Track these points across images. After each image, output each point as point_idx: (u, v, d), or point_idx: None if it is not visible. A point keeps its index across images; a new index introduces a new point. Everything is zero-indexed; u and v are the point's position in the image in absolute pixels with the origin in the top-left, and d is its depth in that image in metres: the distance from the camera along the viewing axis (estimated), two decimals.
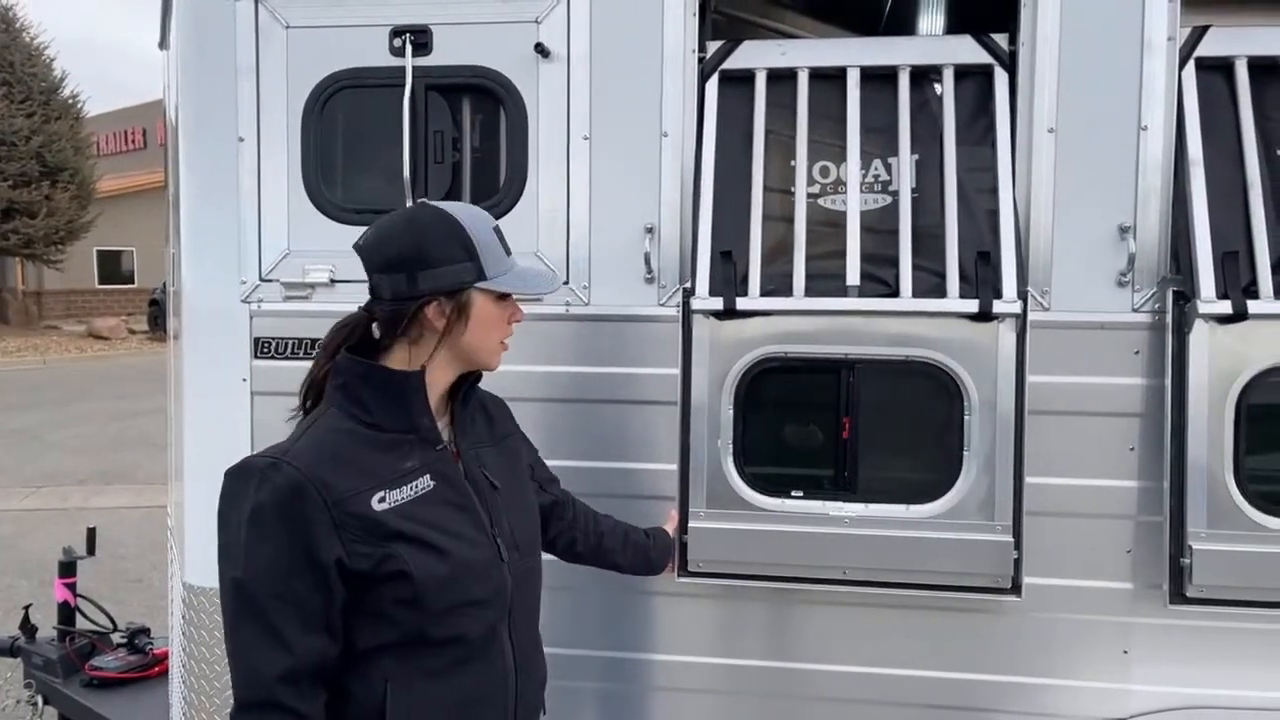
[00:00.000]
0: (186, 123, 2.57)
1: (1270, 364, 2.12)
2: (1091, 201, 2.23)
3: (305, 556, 1.48)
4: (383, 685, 1.56)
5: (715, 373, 2.26)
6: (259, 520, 1.48)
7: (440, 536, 1.58)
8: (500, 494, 1.71)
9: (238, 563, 1.50)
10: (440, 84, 2.41)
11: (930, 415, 2.26)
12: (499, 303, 1.64)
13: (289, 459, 1.51)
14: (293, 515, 1.48)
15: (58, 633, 3.70)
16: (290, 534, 1.48)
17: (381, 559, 1.52)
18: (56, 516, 8.13)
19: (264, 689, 1.47)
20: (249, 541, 1.49)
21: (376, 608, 1.54)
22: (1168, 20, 2.20)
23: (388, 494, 1.55)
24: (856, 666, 2.38)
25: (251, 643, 1.49)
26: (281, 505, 1.48)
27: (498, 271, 1.62)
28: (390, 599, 1.54)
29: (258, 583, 1.48)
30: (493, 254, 1.62)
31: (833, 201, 2.32)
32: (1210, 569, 2.13)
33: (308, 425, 1.61)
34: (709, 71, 2.39)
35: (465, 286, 1.60)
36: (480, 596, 1.62)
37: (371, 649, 1.56)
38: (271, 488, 1.49)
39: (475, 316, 1.62)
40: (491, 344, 1.67)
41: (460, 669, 1.61)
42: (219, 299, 2.50)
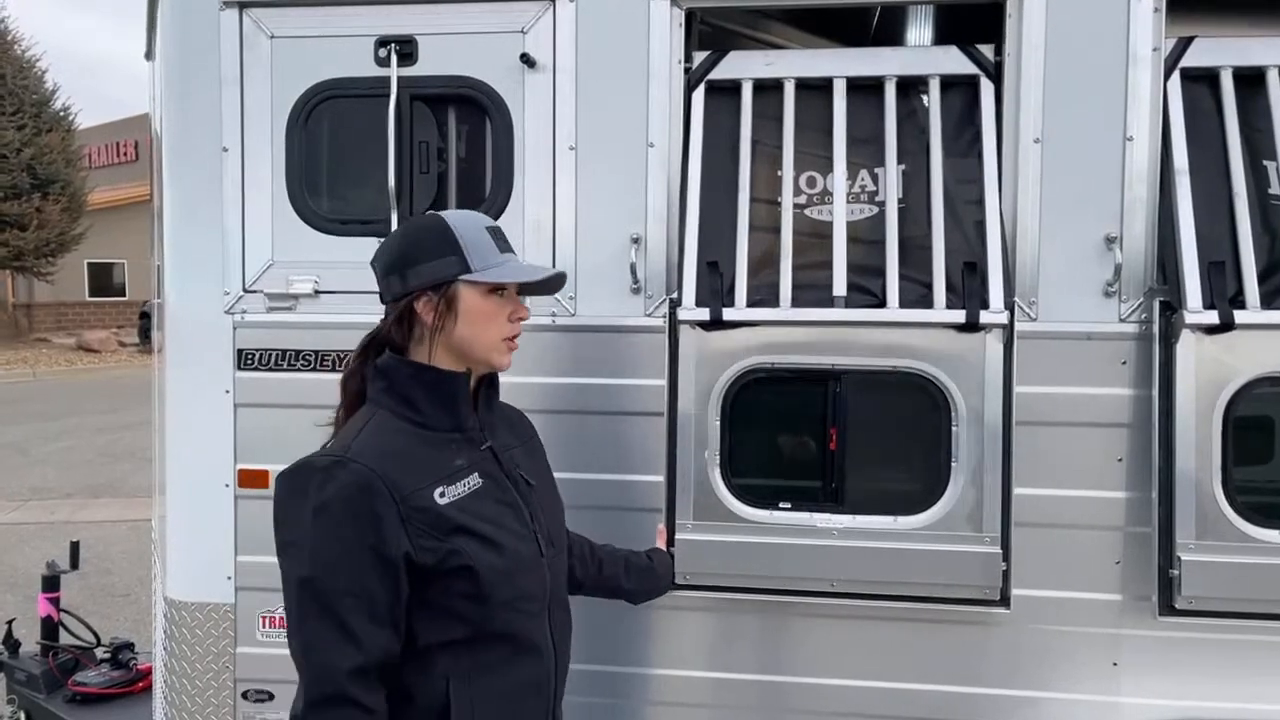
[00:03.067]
0: (171, 133, 2.56)
1: (1257, 374, 2.11)
2: (1078, 212, 2.23)
3: (374, 551, 1.50)
4: (444, 682, 1.58)
5: (702, 384, 2.25)
6: (327, 515, 1.50)
7: (496, 531, 1.62)
8: (535, 491, 1.76)
9: (304, 560, 1.51)
10: (425, 94, 2.40)
11: (918, 426, 2.24)
12: (489, 296, 1.65)
13: (352, 455, 1.53)
14: (361, 510, 1.50)
15: (41, 648, 3.68)
16: (359, 529, 1.50)
17: (447, 553, 1.55)
18: (44, 530, 8.08)
19: (335, 684, 1.48)
20: (317, 538, 1.50)
21: (440, 603, 1.57)
22: (1153, 31, 2.21)
23: (446, 489, 1.59)
24: (846, 680, 2.36)
25: (322, 639, 1.50)
26: (349, 501, 1.50)
27: (484, 265, 1.63)
28: (455, 593, 1.57)
29: (327, 578, 1.50)
30: (480, 249, 1.64)
31: (819, 212, 2.31)
32: (1199, 580, 2.12)
33: (359, 427, 1.62)
34: (695, 82, 2.38)
35: (450, 280, 1.63)
36: (530, 590, 1.67)
37: (433, 645, 1.58)
38: (337, 484, 1.51)
39: (464, 310, 1.63)
40: (488, 339, 1.67)
41: (514, 661, 1.65)
42: (202, 310, 2.48)
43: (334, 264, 2.44)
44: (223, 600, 2.50)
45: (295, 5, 2.41)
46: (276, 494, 1.57)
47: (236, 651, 2.50)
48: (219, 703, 2.51)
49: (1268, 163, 2.21)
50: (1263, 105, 2.23)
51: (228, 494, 2.48)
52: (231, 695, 2.51)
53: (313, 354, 2.44)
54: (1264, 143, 2.21)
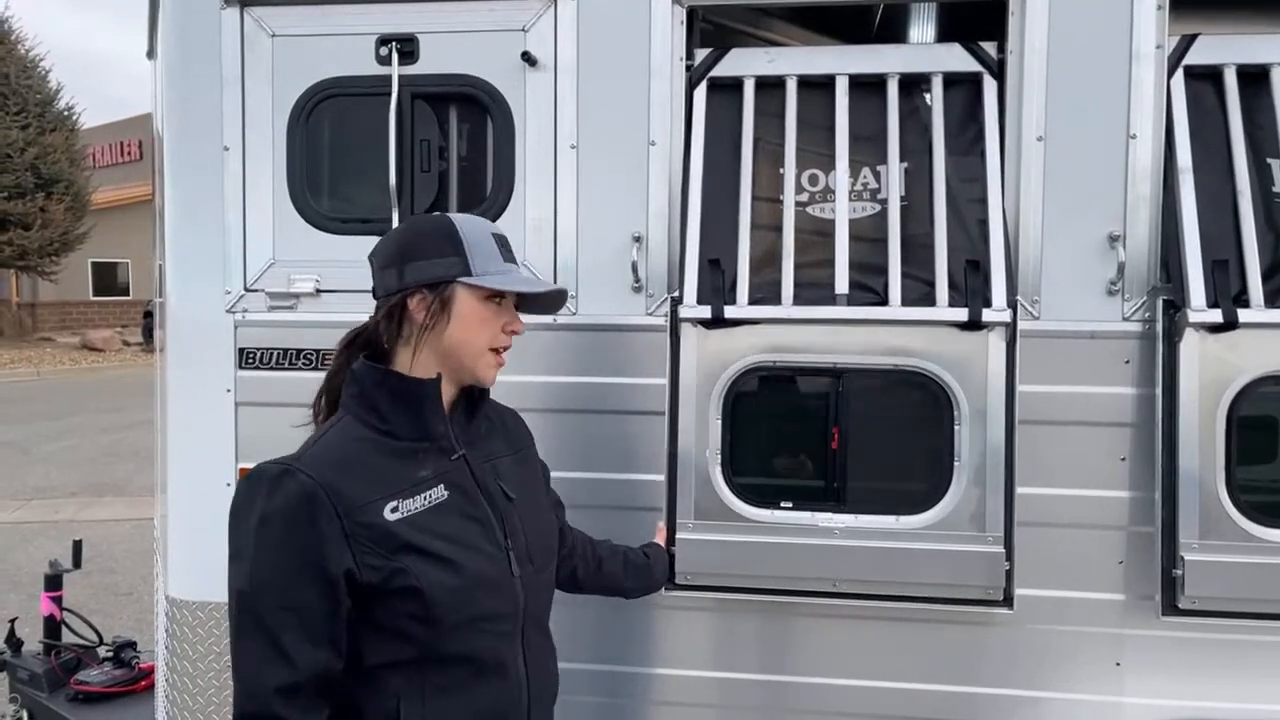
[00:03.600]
0: (172, 132, 2.56)
1: (1261, 373, 2.10)
2: (1081, 210, 2.22)
3: (314, 566, 1.46)
4: (394, 702, 1.53)
5: (703, 382, 2.24)
6: (267, 528, 1.46)
7: (452, 548, 1.55)
8: (515, 505, 1.69)
9: (244, 571, 1.48)
10: (426, 93, 2.40)
11: (920, 425, 2.24)
12: (485, 303, 1.61)
13: (301, 466, 1.49)
14: (303, 523, 1.46)
15: (43, 647, 3.68)
16: (299, 543, 1.46)
17: (392, 572, 1.50)
18: (47, 529, 8.09)
19: (262, 701, 1.44)
20: (256, 549, 1.46)
21: (388, 623, 1.52)
22: (1156, 28, 2.20)
23: (400, 503, 1.53)
24: (848, 680, 2.35)
25: (253, 653, 1.46)
26: (291, 513, 1.46)
27: (485, 270, 1.60)
28: (402, 614, 1.51)
29: (263, 592, 1.46)
30: (483, 254, 1.60)
31: (821, 210, 2.30)
32: (1202, 580, 2.11)
33: (322, 433, 1.59)
34: (697, 79, 2.38)
35: (448, 280, 1.59)
36: (492, 610, 1.60)
37: (382, 665, 1.53)
38: (283, 495, 1.47)
39: (458, 312, 1.59)
40: (478, 345, 1.62)
41: (473, 685, 1.58)
42: (203, 309, 2.48)
43: (335, 263, 2.44)
44: (224, 599, 2.48)
45: (296, 4, 2.41)
46: (232, 499, 1.54)
47: None
48: (220, 701, 2.51)
49: (1272, 160, 2.20)
50: (1267, 103, 2.22)
51: (229, 493, 2.46)
52: (233, 693, 2.50)
53: (314, 353, 2.44)
54: (1268, 140, 2.21)
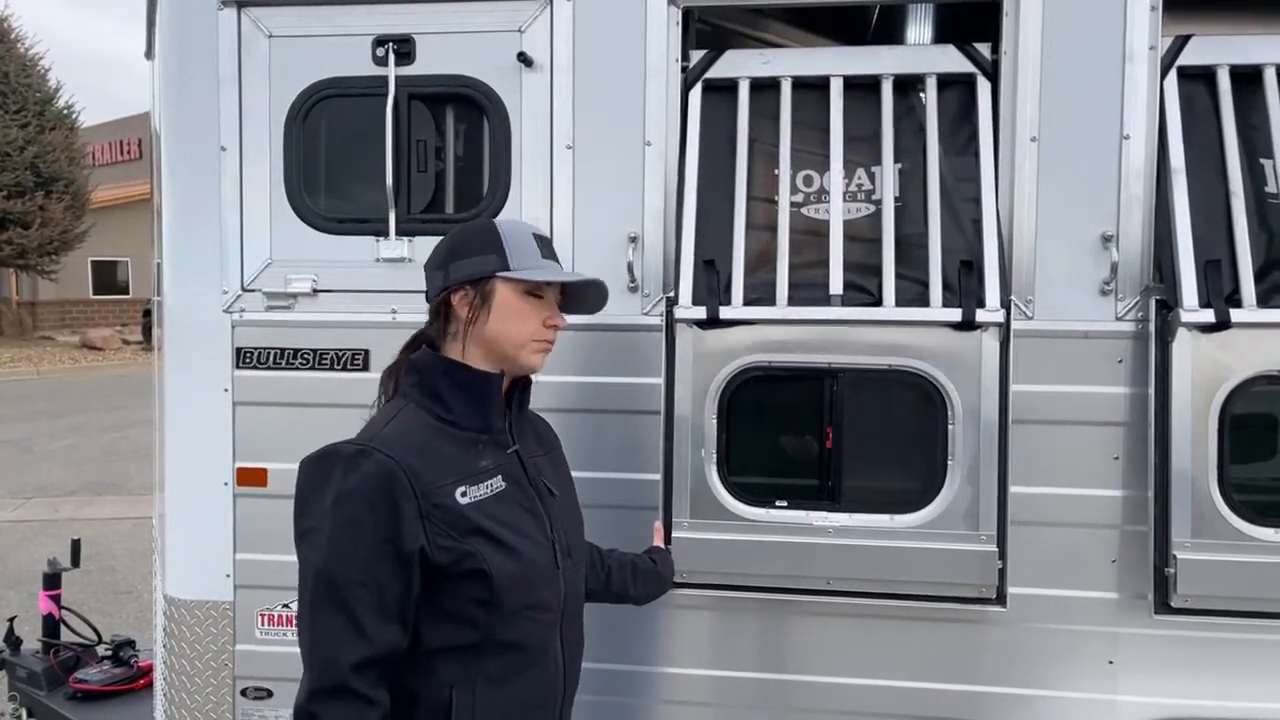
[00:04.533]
0: (169, 131, 2.57)
1: (1253, 372, 2.11)
2: (1074, 210, 2.23)
3: (390, 544, 1.49)
4: (447, 690, 1.57)
5: (699, 382, 2.25)
6: (346, 505, 1.49)
7: (514, 536, 1.61)
8: (557, 501, 1.75)
9: (321, 547, 1.50)
10: (423, 93, 2.41)
11: (914, 424, 2.25)
12: (525, 297, 1.66)
13: (378, 446, 1.53)
14: (382, 501, 1.50)
15: (42, 645, 3.69)
16: (378, 520, 1.49)
17: (462, 554, 1.54)
18: (47, 527, 8.10)
19: (340, 676, 1.47)
20: (335, 527, 1.49)
21: (451, 606, 1.56)
22: (1149, 29, 2.21)
23: (468, 489, 1.58)
24: (843, 678, 2.36)
25: (331, 629, 1.49)
26: (371, 491, 1.50)
27: (523, 266, 1.65)
28: (466, 597, 1.56)
29: (342, 568, 1.49)
30: (521, 251, 1.66)
31: (816, 210, 2.31)
32: (1195, 579, 2.12)
33: (388, 419, 1.62)
34: (692, 80, 2.39)
35: (487, 275, 1.64)
36: (543, 600, 1.66)
37: (438, 649, 1.57)
38: (360, 474, 1.50)
39: (497, 305, 1.64)
40: (520, 337, 1.67)
41: (520, 674, 1.63)
42: (201, 308, 2.49)
43: (332, 263, 2.45)
44: (222, 598, 2.51)
45: (293, 4, 2.42)
46: (299, 479, 1.57)
47: (235, 649, 2.51)
48: (218, 700, 2.52)
49: (1264, 161, 2.21)
50: (1260, 103, 2.23)
51: (226, 492, 2.49)
52: (231, 692, 2.52)
53: (311, 352, 2.45)
54: (1261, 141, 2.21)
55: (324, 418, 2.43)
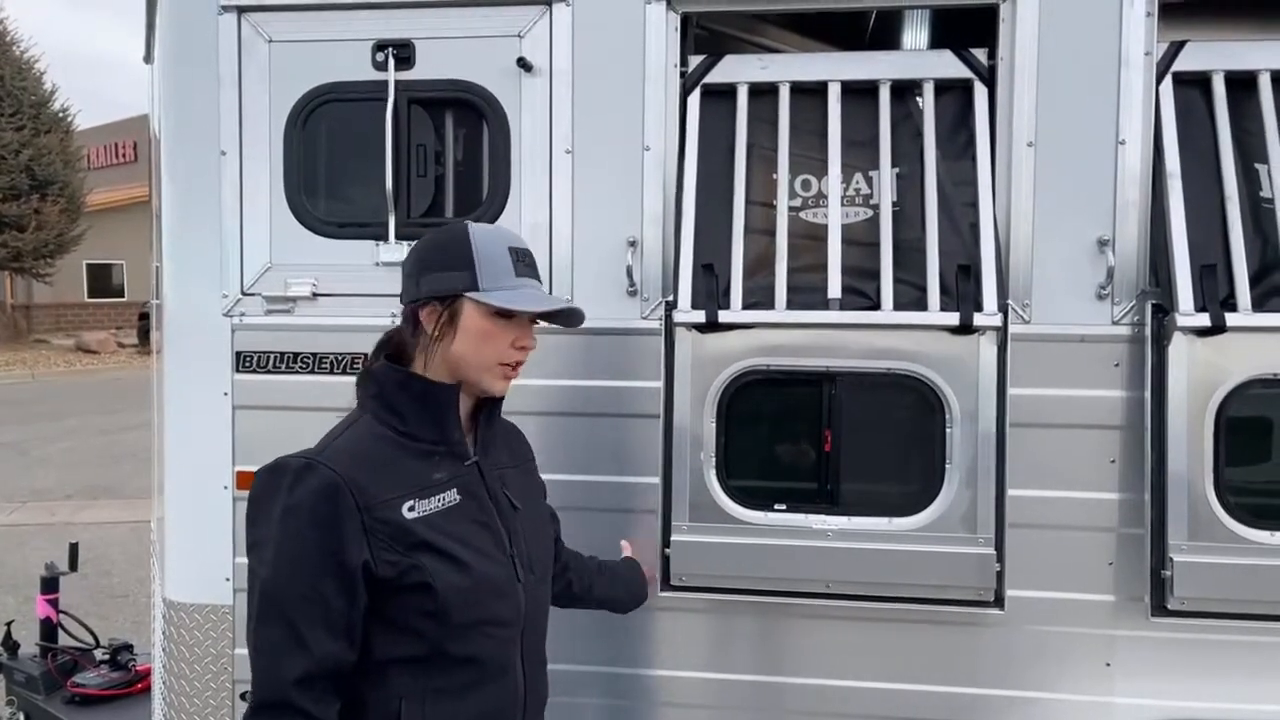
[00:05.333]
0: (169, 136, 2.57)
1: (1248, 376, 2.13)
2: (1071, 215, 2.24)
3: (333, 558, 1.48)
4: (397, 702, 1.55)
5: (698, 386, 2.26)
6: (291, 519, 1.48)
7: (463, 550, 1.58)
8: (520, 515, 1.72)
9: (266, 560, 1.49)
10: (423, 98, 2.41)
11: (912, 428, 2.26)
12: (493, 318, 1.61)
13: (324, 459, 1.52)
14: (325, 516, 1.48)
15: (40, 649, 3.69)
16: (321, 535, 1.48)
17: (407, 568, 1.52)
18: (43, 531, 8.08)
19: (280, 690, 1.46)
20: (279, 540, 1.48)
21: (399, 618, 1.54)
22: (1145, 35, 2.22)
23: (417, 503, 1.56)
24: (842, 680, 2.37)
25: (272, 642, 1.48)
26: (314, 506, 1.48)
27: (494, 286, 1.60)
28: (413, 610, 1.54)
29: (285, 582, 1.48)
30: (494, 269, 1.60)
31: (814, 215, 2.32)
32: (1191, 581, 2.13)
33: (342, 429, 1.62)
34: (691, 86, 2.39)
35: (455, 294, 1.60)
36: (497, 615, 1.63)
37: (389, 660, 1.56)
38: (305, 488, 1.49)
39: (463, 326, 1.60)
40: (484, 360, 1.62)
41: (474, 689, 1.60)
42: (200, 312, 2.49)
43: (332, 267, 2.45)
44: (221, 602, 2.51)
45: (293, 9, 2.43)
46: (251, 490, 1.55)
47: (235, 653, 2.51)
48: (217, 704, 2.52)
49: (1259, 166, 2.22)
50: (1254, 108, 2.24)
51: (226, 496, 2.49)
52: (230, 696, 2.51)
53: (310, 356, 2.45)
54: (1255, 146, 2.23)
55: (323, 422, 2.40)
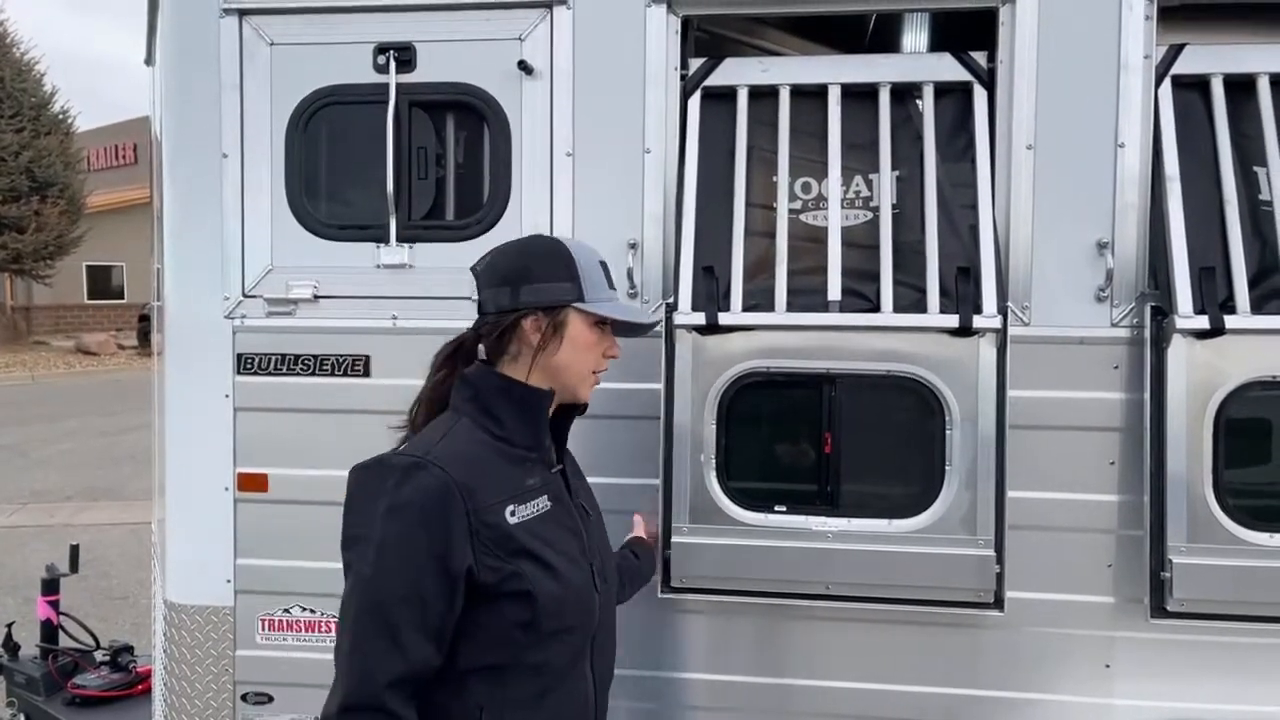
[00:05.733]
0: (170, 138, 2.58)
1: (1248, 378, 2.13)
2: (1070, 217, 2.25)
3: (439, 560, 1.47)
4: (477, 713, 1.55)
5: (698, 388, 2.26)
6: (397, 517, 1.47)
7: (557, 558, 1.59)
8: (591, 522, 1.75)
9: (367, 559, 1.48)
10: (424, 100, 2.42)
11: (912, 430, 2.26)
12: (594, 328, 1.68)
13: (433, 459, 1.51)
14: (434, 517, 1.48)
15: (40, 650, 3.69)
16: (429, 535, 1.47)
17: (508, 575, 1.53)
18: (43, 533, 8.09)
19: (374, 692, 1.45)
20: (383, 538, 1.47)
21: (493, 625, 1.54)
22: (1144, 39, 2.23)
23: (517, 508, 1.57)
24: (841, 682, 2.37)
25: (369, 643, 1.46)
26: (424, 505, 1.48)
27: (596, 297, 1.66)
28: (508, 618, 1.54)
29: (389, 582, 1.47)
30: (593, 280, 1.67)
31: (814, 217, 2.33)
32: (1190, 583, 2.14)
33: (441, 432, 1.60)
34: (691, 88, 2.40)
35: (563, 304, 1.64)
36: (580, 623, 1.64)
37: (472, 669, 1.55)
38: (414, 487, 1.48)
39: (569, 336, 1.65)
40: (583, 369, 1.69)
41: (549, 697, 1.60)
42: (202, 314, 2.50)
43: (333, 269, 2.46)
44: (222, 603, 2.51)
45: (295, 12, 2.43)
46: (350, 485, 1.55)
47: (236, 654, 2.52)
48: (218, 705, 2.52)
49: (1258, 169, 2.23)
50: (1253, 111, 2.25)
51: (227, 497, 2.49)
52: (231, 698, 2.52)
53: (311, 358, 2.46)
54: (1254, 149, 2.23)
55: (325, 423, 2.45)
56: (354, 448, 2.41)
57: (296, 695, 2.49)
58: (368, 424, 2.44)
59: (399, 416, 2.34)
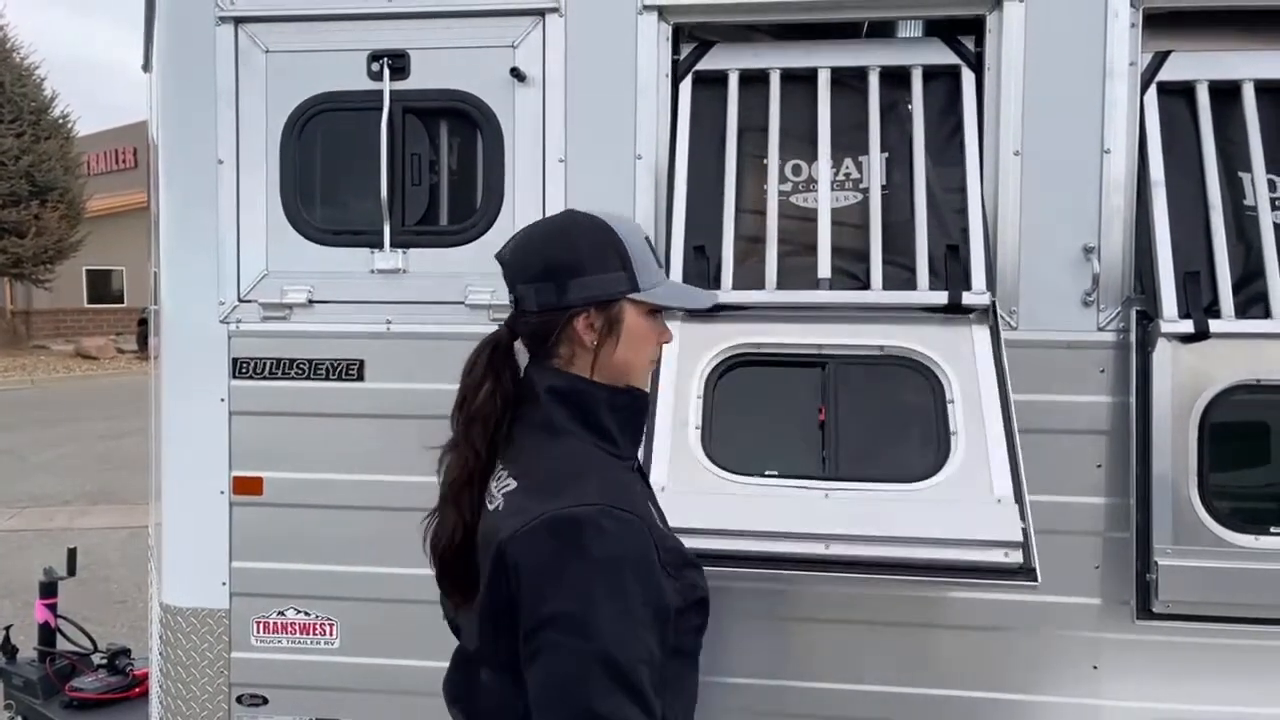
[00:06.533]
0: (167, 144, 2.60)
1: (1232, 381, 2.16)
2: (1057, 223, 2.28)
3: (655, 612, 1.35)
4: None
5: (684, 365, 2.24)
6: (610, 577, 1.32)
7: (687, 551, 1.52)
8: None
9: (589, 631, 1.30)
10: (418, 107, 2.45)
11: (902, 405, 2.24)
12: (649, 317, 1.51)
13: (616, 504, 1.36)
14: (646, 566, 1.35)
15: (38, 654, 3.71)
16: (644, 587, 1.34)
17: (686, 588, 1.44)
18: (41, 537, 8.09)
19: None
20: (601, 602, 1.30)
21: (674, 641, 1.42)
22: (1130, 46, 2.25)
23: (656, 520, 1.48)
24: (833, 684, 2.39)
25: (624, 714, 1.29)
26: (634, 557, 1.34)
27: (650, 284, 1.49)
28: (689, 628, 1.46)
29: (623, 649, 1.30)
30: (645, 265, 1.49)
31: (805, 199, 2.35)
32: (1176, 584, 2.16)
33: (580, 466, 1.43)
34: (683, 73, 2.42)
35: (618, 297, 1.47)
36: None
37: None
38: (617, 538, 1.33)
39: (627, 331, 1.48)
40: (644, 360, 1.53)
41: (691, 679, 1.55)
42: (198, 319, 2.52)
43: (327, 274, 2.48)
44: (217, 606, 2.53)
45: (290, 20, 2.46)
46: (536, 556, 1.35)
47: (231, 656, 2.54)
48: (214, 707, 2.54)
49: (1242, 174, 2.26)
50: (1238, 118, 2.27)
51: (222, 500, 2.52)
52: (226, 700, 2.54)
53: (306, 363, 2.48)
54: (1239, 155, 2.26)
55: (319, 427, 2.48)
56: (348, 451, 2.48)
57: (291, 697, 2.51)
58: (362, 428, 2.47)
59: (393, 420, 2.36)
